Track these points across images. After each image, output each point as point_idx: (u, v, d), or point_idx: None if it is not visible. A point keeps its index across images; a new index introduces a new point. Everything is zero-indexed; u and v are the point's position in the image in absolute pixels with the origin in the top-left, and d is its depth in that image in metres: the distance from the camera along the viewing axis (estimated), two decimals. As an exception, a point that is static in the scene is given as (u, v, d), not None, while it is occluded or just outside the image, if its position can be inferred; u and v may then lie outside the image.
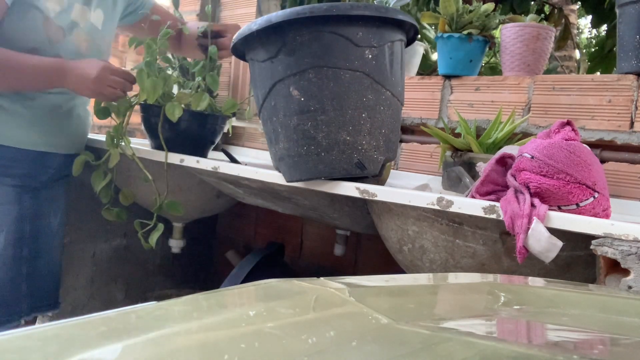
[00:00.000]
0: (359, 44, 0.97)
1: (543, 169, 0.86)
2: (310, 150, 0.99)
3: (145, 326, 0.38)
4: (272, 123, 1.03)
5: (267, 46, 0.99)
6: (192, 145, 1.44)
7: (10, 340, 0.32)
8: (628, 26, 1.16)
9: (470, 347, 0.34)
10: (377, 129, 1.01)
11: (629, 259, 0.72)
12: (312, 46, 0.96)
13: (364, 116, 0.99)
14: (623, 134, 1.17)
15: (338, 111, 0.97)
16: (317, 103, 0.97)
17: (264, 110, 1.04)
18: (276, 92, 1.00)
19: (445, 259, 0.97)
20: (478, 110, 1.38)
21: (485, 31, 1.39)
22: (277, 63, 0.99)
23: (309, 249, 1.89)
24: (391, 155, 1.06)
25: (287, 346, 0.34)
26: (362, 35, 0.97)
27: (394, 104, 1.04)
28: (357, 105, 0.98)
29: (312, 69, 0.96)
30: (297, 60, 0.97)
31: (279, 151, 1.04)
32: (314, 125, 0.98)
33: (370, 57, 0.98)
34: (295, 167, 1.02)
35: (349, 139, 0.99)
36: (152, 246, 1.42)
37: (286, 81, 0.98)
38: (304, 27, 0.95)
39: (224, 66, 2.00)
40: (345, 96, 0.97)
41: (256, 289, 0.47)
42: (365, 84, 0.98)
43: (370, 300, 0.44)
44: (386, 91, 1.01)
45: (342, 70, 0.96)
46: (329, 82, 0.96)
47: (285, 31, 0.96)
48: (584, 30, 7.97)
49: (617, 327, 0.43)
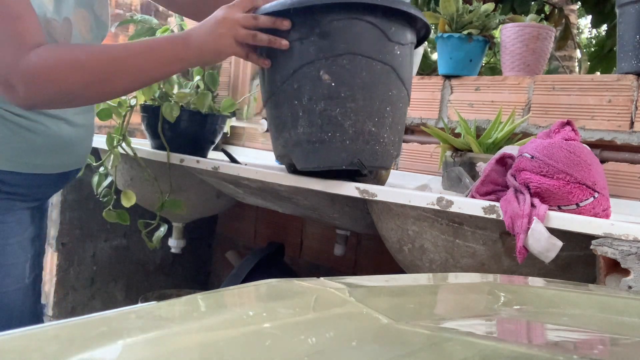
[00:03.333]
0: (391, 39, 0.98)
1: (543, 169, 0.86)
2: (335, 137, 0.98)
3: (145, 326, 0.38)
4: (291, 106, 1.00)
5: (299, 25, 0.97)
6: (192, 145, 1.44)
7: (10, 340, 0.32)
8: (628, 26, 1.16)
9: (470, 347, 0.34)
10: (396, 124, 1.02)
11: (629, 259, 0.72)
12: (349, 32, 0.96)
13: (388, 109, 1.00)
14: (623, 134, 1.17)
15: (367, 101, 0.97)
16: (348, 90, 0.97)
17: (280, 92, 1.01)
18: (302, 75, 0.98)
19: (445, 259, 0.97)
20: (478, 110, 1.38)
21: (485, 31, 1.39)
22: (308, 44, 0.97)
23: (309, 249, 1.89)
24: (398, 152, 1.07)
25: (287, 346, 0.34)
26: (394, 31, 0.98)
27: (406, 103, 1.07)
28: (383, 97, 0.99)
29: (346, 54, 0.96)
30: (332, 44, 0.96)
31: (296, 136, 1.01)
32: (342, 112, 0.97)
33: (398, 54, 1.00)
34: (314, 153, 1.00)
35: (374, 130, 0.99)
36: (156, 246, 1.42)
37: (316, 64, 0.97)
38: (343, 12, 0.95)
39: (224, 66, 2.00)
40: (374, 87, 0.98)
41: (256, 289, 0.47)
42: (391, 78, 0.99)
43: (370, 300, 0.44)
44: (405, 89, 1.03)
45: (374, 61, 0.97)
46: (361, 71, 0.97)
47: (323, 13, 0.95)
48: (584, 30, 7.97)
49: (617, 327, 0.43)
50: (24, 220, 1.09)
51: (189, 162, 1.32)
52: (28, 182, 1.06)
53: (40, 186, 1.10)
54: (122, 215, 1.40)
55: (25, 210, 1.09)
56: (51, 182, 1.12)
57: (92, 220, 1.82)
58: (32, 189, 1.08)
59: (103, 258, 1.90)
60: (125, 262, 1.97)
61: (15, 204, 1.06)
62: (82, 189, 1.63)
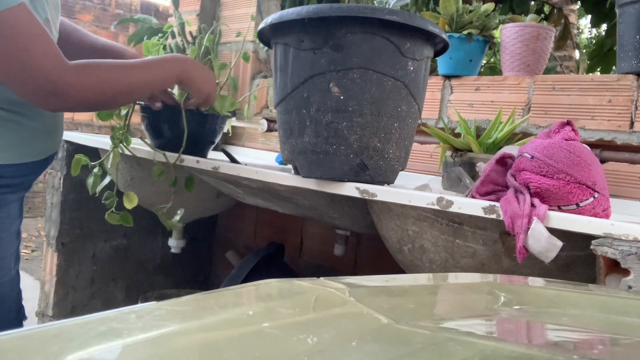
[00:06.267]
0: (405, 55, 0.97)
1: (543, 169, 0.86)
2: (339, 150, 0.98)
3: (145, 326, 0.38)
4: (299, 114, 1.01)
5: (312, 35, 0.97)
6: (192, 145, 1.43)
7: (10, 340, 0.32)
8: (628, 26, 1.16)
9: (470, 347, 0.34)
10: (403, 140, 1.02)
11: (629, 259, 0.72)
12: (362, 46, 0.95)
13: (395, 125, 1.00)
14: (623, 134, 1.17)
15: (375, 116, 0.97)
16: (356, 104, 0.97)
17: (290, 99, 1.02)
18: (312, 85, 0.98)
19: (445, 259, 0.97)
20: (478, 110, 1.38)
21: (485, 31, 1.39)
22: (320, 55, 0.97)
23: (309, 249, 1.89)
24: (404, 167, 1.07)
25: (287, 346, 0.34)
26: (409, 47, 0.98)
27: (417, 118, 1.06)
28: (392, 113, 0.99)
29: (357, 69, 0.96)
30: (344, 57, 0.96)
31: (302, 144, 1.02)
32: (348, 126, 0.97)
33: (411, 70, 0.99)
34: (318, 163, 1.01)
35: (380, 146, 0.99)
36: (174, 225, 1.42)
37: (327, 75, 0.97)
38: (357, 26, 0.94)
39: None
40: (383, 103, 0.97)
41: (256, 289, 0.47)
42: (402, 95, 0.99)
43: (370, 300, 0.44)
44: (416, 104, 1.03)
45: (386, 76, 0.97)
46: (372, 86, 0.96)
47: (337, 25, 0.95)
48: (584, 30, 7.97)
49: (617, 327, 0.43)
50: (13, 212, 1.15)
51: (189, 162, 1.32)
52: (21, 172, 1.12)
53: (30, 174, 1.16)
54: (125, 217, 1.39)
55: (14, 203, 1.15)
56: (38, 168, 1.18)
57: (92, 220, 1.82)
58: (23, 177, 1.14)
59: (103, 258, 1.90)
60: (125, 262, 1.97)
61: (7, 197, 1.11)
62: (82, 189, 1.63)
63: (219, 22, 1.89)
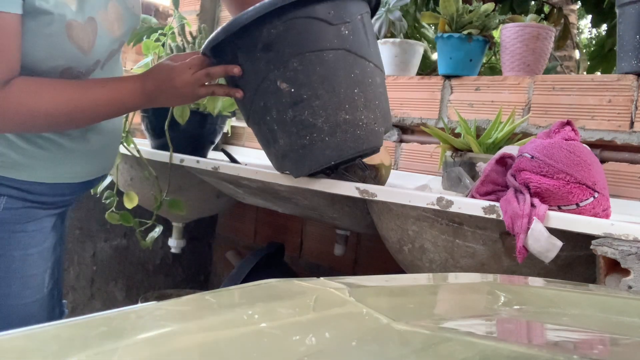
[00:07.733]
0: (333, 22, 0.95)
1: (543, 169, 0.86)
2: (313, 139, 0.98)
3: (145, 326, 0.38)
4: (266, 123, 1.01)
5: (243, 48, 0.98)
6: (192, 145, 1.44)
7: (10, 340, 0.32)
8: (628, 26, 1.16)
9: (470, 347, 0.34)
10: (370, 101, 1.00)
11: (629, 259, 0.72)
12: (289, 35, 0.95)
13: (356, 92, 0.98)
14: (623, 134, 1.17)
15: (331, 93, 0.96)
16: (308, 90, 0.96)
17: (253, 113, 1.03)
18: (263, 91, 0.98)
19: (445, 259, 0.97)
20: (478, 110, 1.38)
21: (485, 31, 1.39)
22: (256, 62, 0.97)
23: (309, 249, 1.89)
24: (388, 125, 1.05)
25: (287, 346, 0.34)
26: (334, 13, 0.96)
27: (379, 74, 1.03)
28: (347, 83, 0.97)
29: (294, 57, 0.95)
30: (277, 53, 0.95)
31: (281, 149, 1.02)
32: (311, 113, 0.96)
33: (347, 33, 0.97)
34: (301, 160, 1.00)
35: (349, 117, 0.97)
36: (149, 246, 1.41)
37: (271, 77, 0.96)
38: (275, 19, 0.94)
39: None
40: (334, 77, 0.96)
41: (256, 289, 0.47)
42: (349, 61, 0.97)
43: (370, 300, 0.44)
44: (369, 63, 1.00)
45: (324, 51, 0.95)
46: (314, 67, 0.95)
47: (259, 27, 0.95)
48: (584, 30, 7.97)
49: (617, 327, 0.43)
50: (46, 228, 1.08)
51: (189, 162, 1.32)
52: (53, 192, 1.06)
53: (66, 195, 1.09)
54: (125, 217, 1.39)
55: (47, 218, 1.08)
56: (76, 190, 1.11)
57: (92, 220, 1.82)
58: (56, 197, 1.07)
59: (103, 258, 1.90)
60: (125, 262, 1.97)
61: (38, 212, 1.05)
62: (82, 189, 1.63)
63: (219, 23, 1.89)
